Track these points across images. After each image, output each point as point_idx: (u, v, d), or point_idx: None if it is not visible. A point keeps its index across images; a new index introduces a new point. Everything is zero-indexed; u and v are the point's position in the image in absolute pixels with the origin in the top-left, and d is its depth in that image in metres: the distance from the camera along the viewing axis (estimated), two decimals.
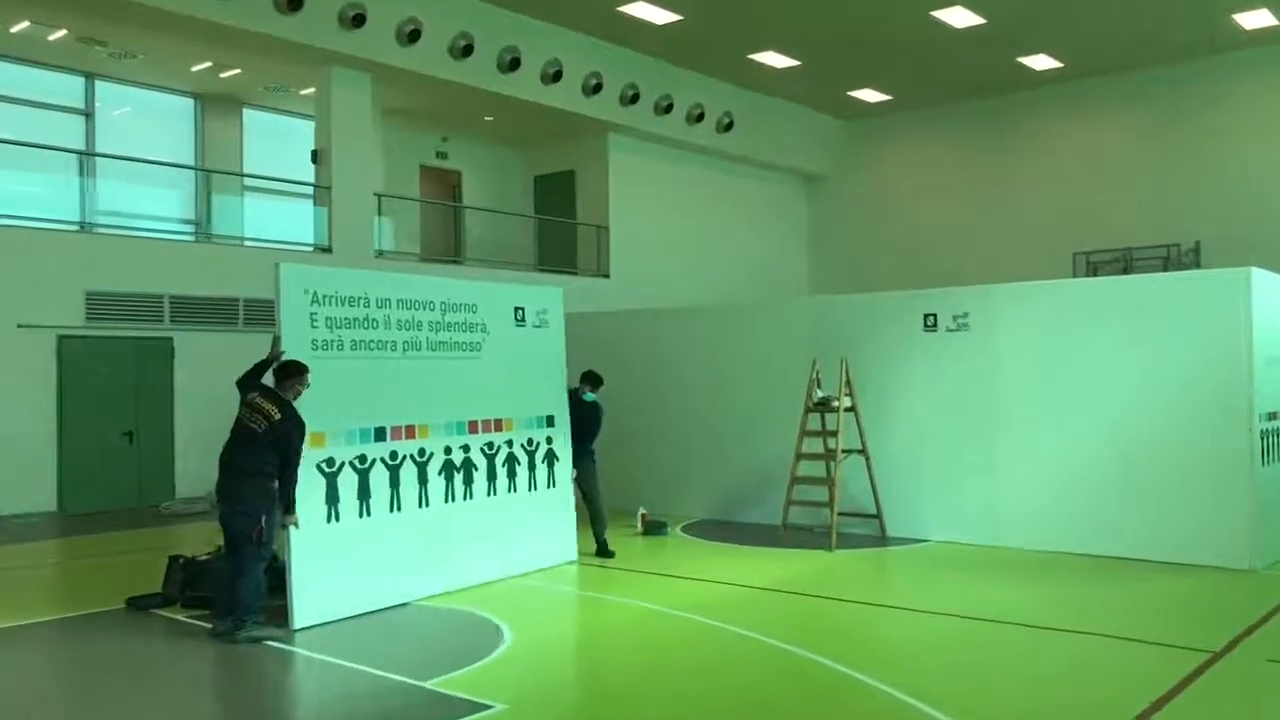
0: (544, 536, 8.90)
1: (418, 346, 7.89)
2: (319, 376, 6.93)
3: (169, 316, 13.33)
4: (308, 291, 7.20)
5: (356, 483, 7.34)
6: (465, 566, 8.09)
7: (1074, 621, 6.89)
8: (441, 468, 8.00)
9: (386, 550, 7.47)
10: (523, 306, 8.92)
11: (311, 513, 6.96)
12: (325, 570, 7.03)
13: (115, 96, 16.45)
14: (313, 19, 13.99)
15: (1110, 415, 9.06)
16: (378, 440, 7.53)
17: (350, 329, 7.39)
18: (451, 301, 8.22)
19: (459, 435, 8.17)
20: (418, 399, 7.85)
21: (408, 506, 7.70)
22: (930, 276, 16.47)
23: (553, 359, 9.18)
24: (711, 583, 8.35)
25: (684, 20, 16.55)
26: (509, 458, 8.59)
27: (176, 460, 13.35)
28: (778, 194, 23.28)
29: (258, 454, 6.63)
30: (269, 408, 6.67)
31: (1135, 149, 19.51)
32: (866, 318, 10.58)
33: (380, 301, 7.64)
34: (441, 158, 19.86)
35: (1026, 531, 9.45)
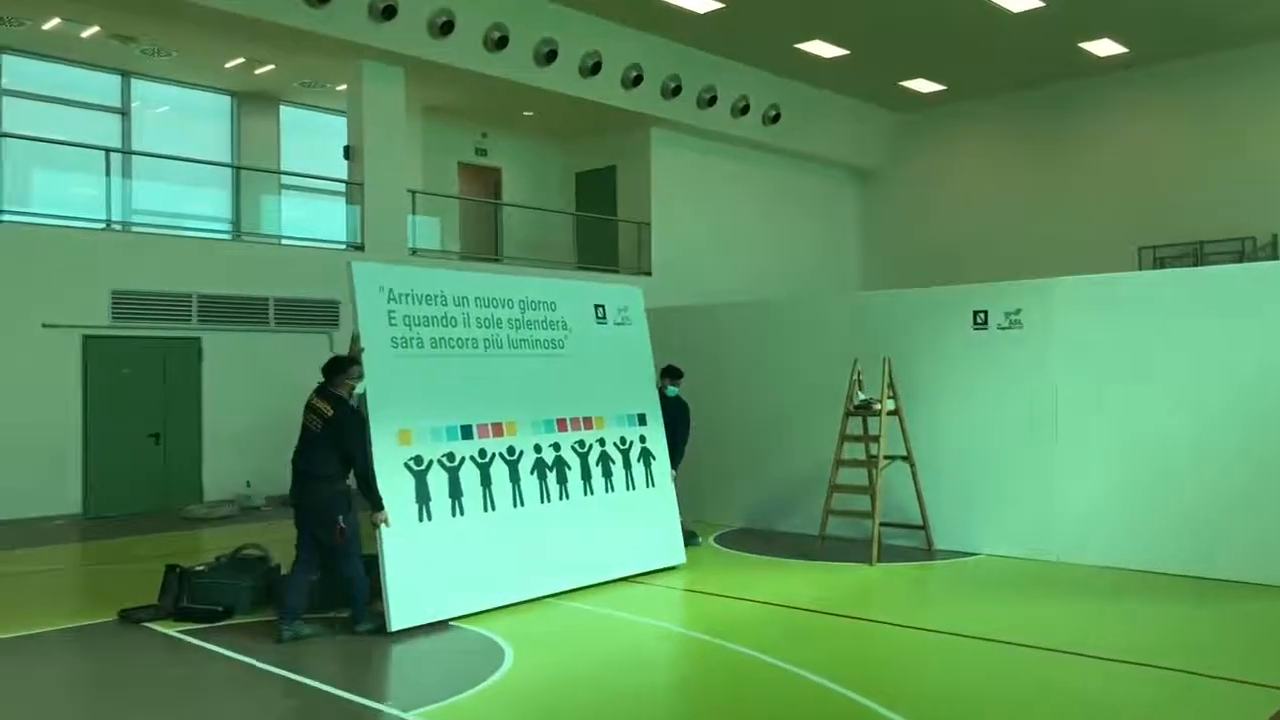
0: (649, 538, 8.67)
1: (499, 344, 7.85)
2: (401, 373, 6.99)
3: (197, 316, 13.10)
4: (383, 289, 7.19)
5: (447, 481, 7.24)
6: (567, 568, 7.89)
7: (1145, 651, 6.19)
8: (533, 466, 7.87)
9: (483, 551, 7.32)
10: (603, 304, 8.86)
11: (402, 511, 6.87)
12: (420, 570, 6.93)
13: (154, 95, 16.36)
14: (342, 11, 13.68)
15: (1178, 420, 8.32)
16: (465, 438, 7.46)
17: (429, 327, 7.40)
18: (530, 299, 8.19)
19: (548, 433, 8.06)
20: (503, 396, 7.79)
21: (502, 506, 7.55)
22: (987, 272, 15.70)
23: (640, 357, 9.04)
24: (741, 600, 7.78)
25: (727, 8, 15.97)
26: (602, 456, 8.43)
27: (204, 463, 13.12)
28: (828, 188, 22.56)
29: (321, 455, 6.62)
30: (323, 406, 6.67)
31: (1206, 137, 18.47)
32: (912, 315, 9.91)
33: (458, 299, 7.64)
34: (481, 154, 19.51)
35: (1084, 546, 8.74)
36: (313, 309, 14.14)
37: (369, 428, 6.80)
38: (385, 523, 6.68)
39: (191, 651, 6.48)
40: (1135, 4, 15.97)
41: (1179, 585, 7.91)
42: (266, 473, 13.40)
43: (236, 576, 7.39)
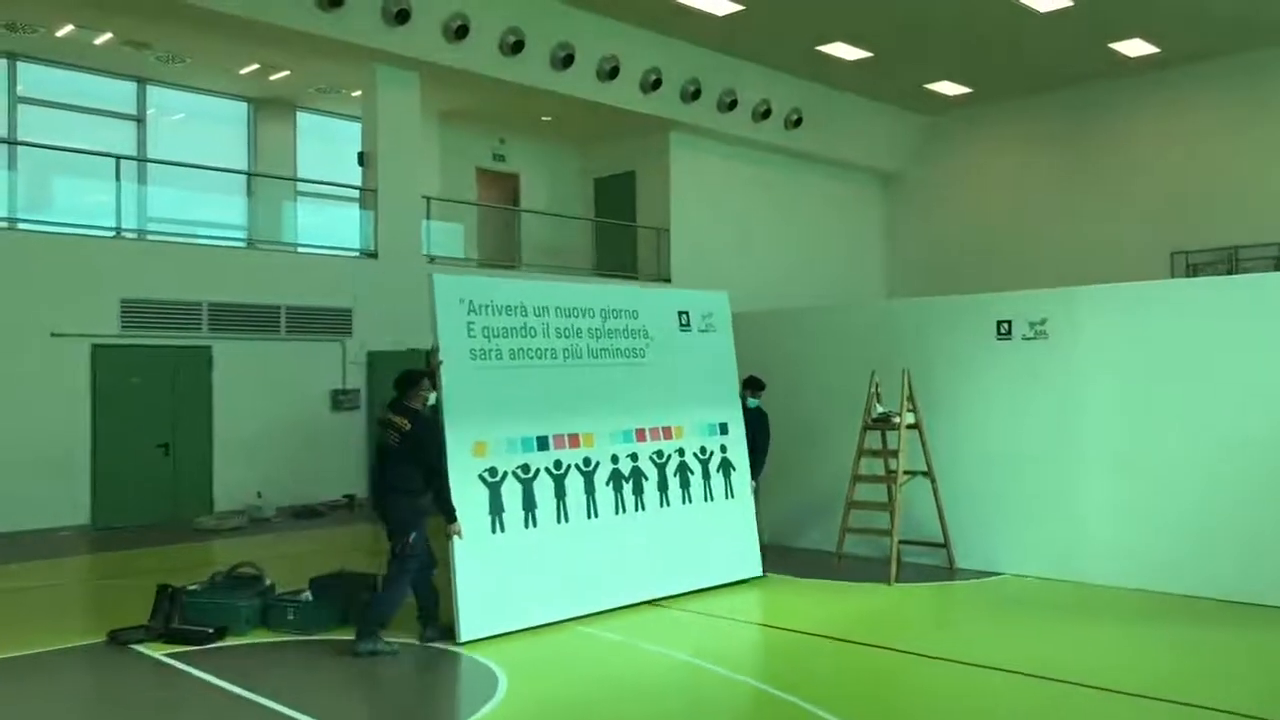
0: (725, 551, 8.52)
1: (578, 354, 7.77)
2: (480, 385, 7.02)
3: (207, 324, 12.96)
4: (463, 301, 7.18)
5: (521, 493, 7.22)
6: (641, 580, 7.81)
7: (1181, 687, 5.80)
8: (609, 477, 7.78)
9: (554, 563, 7.28)
10: (686, 311, 8.69)
11: (475, 523, 6.87)
12: (491, 582, 6.91)
13: (171, 102, 16.30)
14: (355, 15, 13.51)
15: (1213, 436, 7.93)
16: (540, 449, 7.41)
17: (508, 338, 7.36)
18: (611, 308, 8.08)
19: (625, 444, 7.95)
20: (581, 407, 7.71)
21: (575, 517, 7.50)
22: (1015, 279, 15.29)
23: (723, 364, 8.84)
24: (751, 624, 7.48)
25: (746, 10, 15.67)
26: (680, 467, 8.30)
27: (214, 473, 12.96)
28: (851, 193, 22.19)
29: (399, 469, 6.65)
30: (399, 420, 6.70)
31: (1240, 140, 17.94)
32: (932, 324, 9.56)
33: (538, 310, 7.57)
34: (499, 160, 19.31)
35: (1115, 567, 8.35)
36: (325, 317, 13.98)
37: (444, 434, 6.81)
38: (458, 534, 6.70)
39: (172, 675, 6.25)
40: (1165, 3, 15.52)
41: (1219, 611, 7.53)
42: (277, 483, 13.28)
43: (230, 596, 7.18)
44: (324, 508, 13.45)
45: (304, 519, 12.90)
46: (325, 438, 13.95)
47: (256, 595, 7.27)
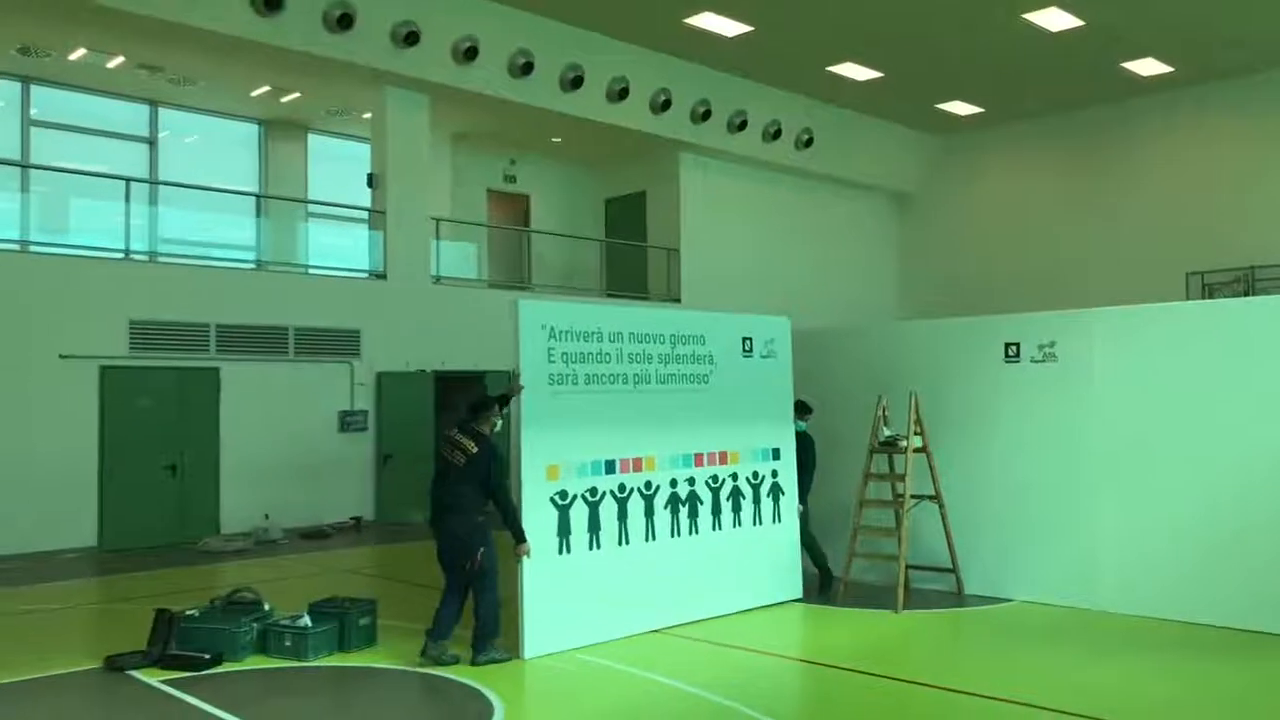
0: (769, 573, 8.71)
1: (647, 379, 7.98)
2: (556, 410, 7.24)
3: (215, 346, 12.97)
4: (544, 327, 7.35)
5: (587, 515, 7.44)
6: (692, 601, 8.04)
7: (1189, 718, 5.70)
8: (668, 500, 8.01)
9: (615, 583, 7.52)
10: (750, 337, 8.82)
11: (544, 544, 7.08)
12: (556, 601, 7.12)
13: (183, 124, 16.42)
14: (364, 38, 13.58)
15: (1226, 461, 7.78)
16: (607, 473, 7.63)
17: (584, 363, 7.55)
18: (681, 334, 8.25)
19: (684, 468, 8.17)
20: (646, 432, 7.90)
21: (635, 539, 7.75)
22: (1030, 300, 15.19)
23: (780, 390, 9.00)
24: (753, 652, 7.35)
25: (755, 32, 15.67)
26: (733, 491, 8.51)
27: (221, 495, 12.94)
28: (864, 213, 22.12)
29: (460, 488, 6.85)
30: (466, 442, 6.90)
31: (1256, 159, 17.80)
32: (939, 346, 9.45)
33: (613, 335, 7.76)
34: (510, 181, 19.35)
35: (1128, 595, 8.18)
36: (334, 338, 13.99)
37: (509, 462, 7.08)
38: (527, 554, 6.86)
39: (166, 703, 6.18)
40: (1177, 22, 15.44)
41: (1231, 640, 7.35)
42: (285, 504, 13.26)
43: (227, 622, 7.12)
44: (331, 529, 13.41)
45: (311, 541, 12.86)
46: (332, 459, 13.93)
47: (254, 621, 7.20)
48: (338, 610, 7.33)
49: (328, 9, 13.12)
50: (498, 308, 15.76)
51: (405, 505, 14.35)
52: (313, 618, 7.23)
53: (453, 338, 15.14)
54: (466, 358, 15.35)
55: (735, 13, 15.07)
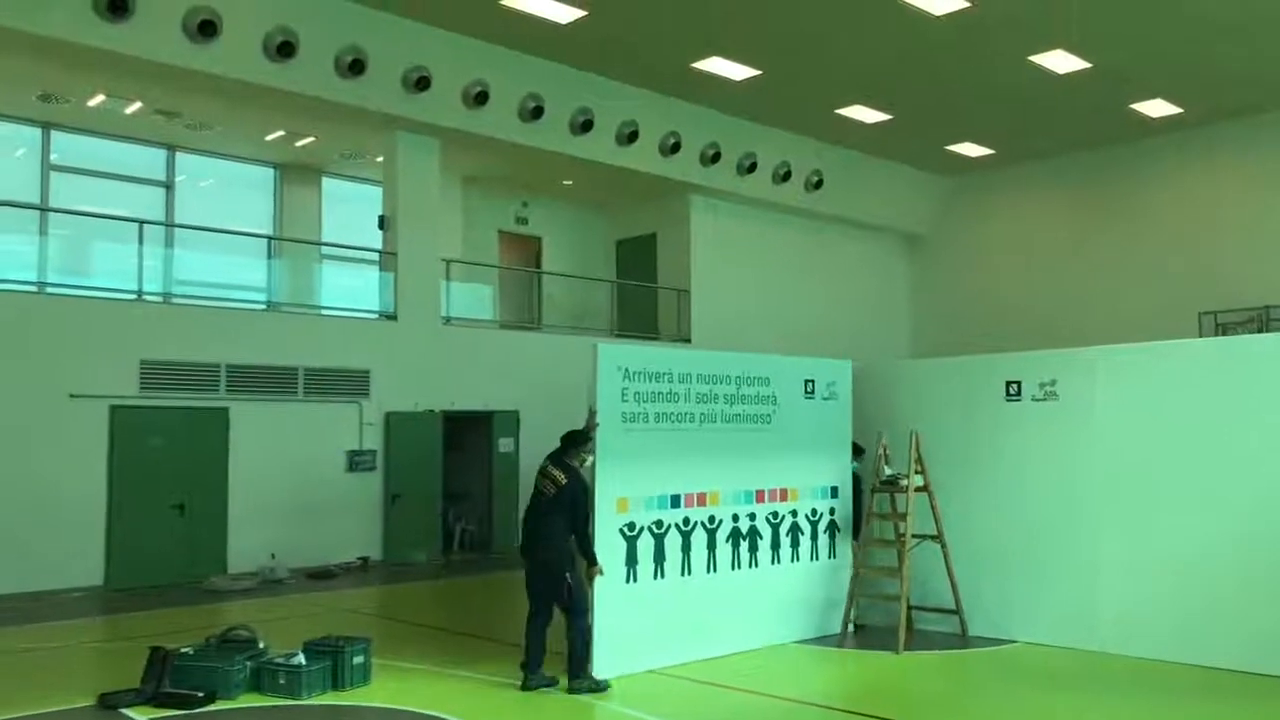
0: (821, 607, 9.06)
1: (713, 419, 8.40)
2: (628, 447, 7.69)
3: (225, 386, 13.08)
4: (620, 368, 7.81)
5: (653, 546, 7.90)
6: (748, 631, 8.46)
7: None
8: (729, 535, 8.45)
9: (678, 612, 7.96)
10: (813, 379, 9.21)
11: (613, 573, 7.50)
12: (624, 628, 7.51)
13: (200, 168, 16.71)
14: (376, 83, 13.79)
15: (1225, 503, 7.71)
16: (673, 507, 8.08)
17: (655, 403, 7.99)
18: (747, 375, 8.67)
19: (746, 504, 8.60)
20: (710, 468, 8.34)
21: (697, 570, 8.19)
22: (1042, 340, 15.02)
23: (839, 430, 9.39)
24: (750, 693, 7.27)
25: (763, 75, 15.81)
26: (792, 527, 8.94)
27: (229, 534, 12.98)
28: (875, 254, 22.13)
29: (551, 517, 7.19)
30: (557, 473, 7.27)
31: (1267, 198, 17.73)
32: (941, 385, 9.42)
33: (682, 376, 8.20)
34: (521, 223, 19.52)
35: (1132, 637, 8.10)
36: (343, 378, 14.08)
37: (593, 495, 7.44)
38: (600, 573, 7.29)
39: None
40: (1184, 63, 15.47)
41: (1235, 683, 7.24)
42: (292, 544, 13.28)
43: (221, 660, 7.11)
44: (338, 569, 13.41)
45: (317, 580, 12.85)
46: (340, 499, 13.96)
47: (248, 659, 7.19)
48: (332, 649, 7.31)
49: (340, 55, 13.35)
50: (507, 348, 16.16)
51: (412, 545, 14.36)
52: (307, 656, 7.22)
53: (462, 378, 15.22)
54: (475, 397, 15.43)
55: (743, 57, 15.23)
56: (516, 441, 15.80)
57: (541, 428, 15.68)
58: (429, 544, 14.59)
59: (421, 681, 7.51)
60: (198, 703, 6.79)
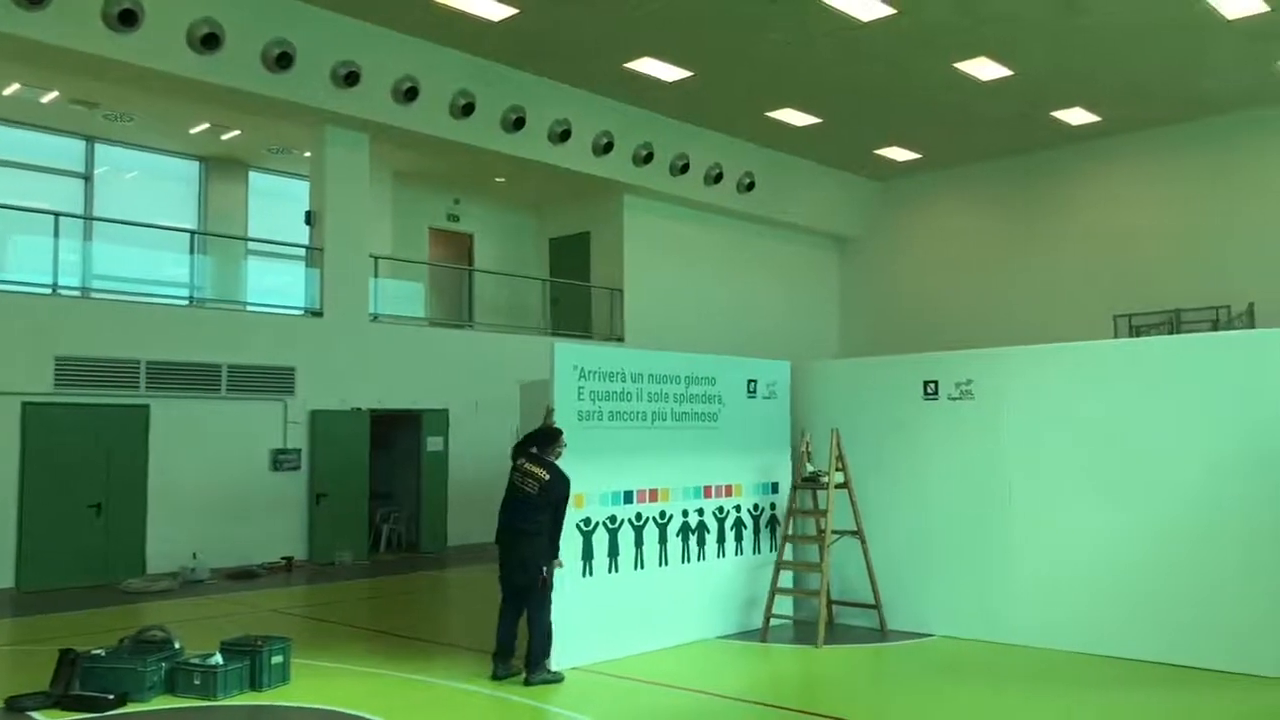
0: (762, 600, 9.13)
1: (663, 417, 8.70)
2: (583, 444, 7.88)
3: (145, 383, 12.80)
4: (576, 368, 8.04)
5: (608, 541, 8.17)
6: (698, 622, 8.77)
7: None
8: (679, 529, 8.75)
9: (631, 604, 8.24)
10: (755, 379, 9.52)
11: (570, 567, 7.74)
12: (580, 621, 7.73)
13: (122, 160, 16.32)
14: (303, 77, 13.60)
15: (1135, 498, 7.97)
16: (626, 503, 8.36)
17: (608, 401, 8.25)
18: (695, 375, 8.97)
19: (695, 499, 8.91)
20: (661, 465, 8.62)
21: (649, 564, 8.49)
22: (965, 341, 15.34)
23: (779, 428, 9.67)
24: (669, 688, 7.34)
25: (695, 77, 15.94)
26: (736, 522, 9.25)
27: (148, 534, 12.70)
28: (806, 256, 22.43)
29: (531, 514, 7.34)
30: (538, 471, 7.43)
31: (1180, 205, 18.38)
32: (862, 385, 9.60)
33: (634, 376, 8.46)
34: (453, 220, 19.41)
35: (1045, 629, 8.31)
36: (267, 376, 13.86)
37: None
38: (560, 565, 7.50)
39: None
40: (1100, 74, 15.95)
41: (1146, 673, 7.47)
42: (214, 544, 13.06)
43: (134, 661, 6.97)
44: (261, 570, 13.21)
45: (239, 581, 12.65)
46: (264, 498, 13.75)
47: (162, 660, 7.06)
48: (250, 648, 7.21)
49: (266, 48, 13.15)
50: (437, 346, 16.06)
51: (338, 545, 14.20)
52: (224, 656, 7.11)
53: (390, 376, 15.09)
54: (404, 396, 15.31)
55: (675, 59, 15.33)
56: (446, 440, 15.72)
57: (472, 427, 15.73)
58: (355, 544, 14.43)
59: (342, 681, 7.45)
60: (108, 705, 6.65)
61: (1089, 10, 13.52)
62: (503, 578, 7.53)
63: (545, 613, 7.38)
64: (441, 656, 8.28)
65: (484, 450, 15.22)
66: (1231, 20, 13.83)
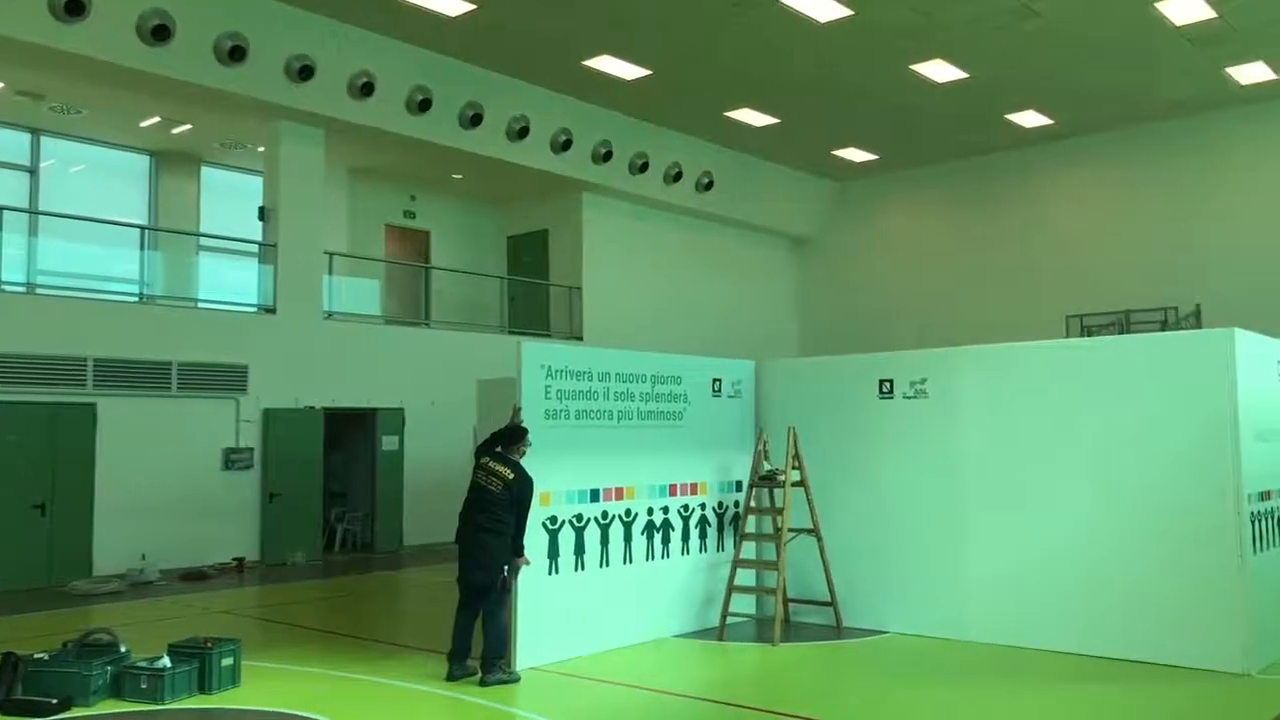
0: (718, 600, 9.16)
1: (630, 416, 8.73)
2: (550, 442, 7.88)
3: (93, 380, 12.54)
4: (543, 366, 8.06)
5: (574, 539, 8.18)
6: (665, 619, 8.84)
7: None
8: (644, 527, 8.79)
9: (597, 602, 8.25)
10: (720, 378, 9.60)
11: (535, 565, 7.69)
12: (545, 618, 7.79)
13: (69, 154, 15.97)
14: (257, 71, 13.40)
15: (1083, 495, 8.08)
16: (592, 501, 8.37)
17: (576, 400, 8.27)
18: (661, 374, 9.02)
19: (661, 497, 8.95)
20: (627, 463, 8.65)
21: (615, 562, 8.50)
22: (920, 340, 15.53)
23: (744, 427, 9.70)
24: (626, 687, 7.32)
25: (654, 76, 15.93)
26: (701, 520, 9.29)
27: (95, 535, 12.44)
28: (765, 255, 22.52)
29: (495, 512, 7.31)
30: (502, 470, 7.40)
31: (1131, 208, 18.71)
32: (818, 383, 9.65)
33: (601, 375, 8.49)
34: (409, 217, 19.23)
35: (996, 626, 8.40)
36: (219, 374, 13.64)
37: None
38: (527, 563, 7.46)
39: None
40: (1056, 77, 16.17)
41: (1099, 668, 7.57)
42: (164, 545, 12.84)
43: (79, 665, 6.82)
44: (212, 570, 13.00)
45: (190, 582, 12.44)
46: (216, 498, 13.54)
47: (108, 663, 6.91)
48: (199, 650, 7.08)
49: (219, 41, 12.94)
50: (393, 344, 15.90)
51: (291, 545, 14.02)
52: (172, 659, 6.98)
53: (344, 374, 14.93)
54: (360, 395, 15.15)
55: (633, 57, 15.31)
56: (402, 439, 15.58)
57: (429, 426, 15.60)
58: (309, 544, 14.26)
59: (294, 682, 7.34)
60: (51, 710, 6.49)
61: (1042, 15, 13.69)
62: (462, 577, 7.46)
63: (503, 612, 7.32)
64: (396, 657, 8.20)
65: (441, 449, 15.13)
66: (1180, 26, 14.09)
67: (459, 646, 7.40)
